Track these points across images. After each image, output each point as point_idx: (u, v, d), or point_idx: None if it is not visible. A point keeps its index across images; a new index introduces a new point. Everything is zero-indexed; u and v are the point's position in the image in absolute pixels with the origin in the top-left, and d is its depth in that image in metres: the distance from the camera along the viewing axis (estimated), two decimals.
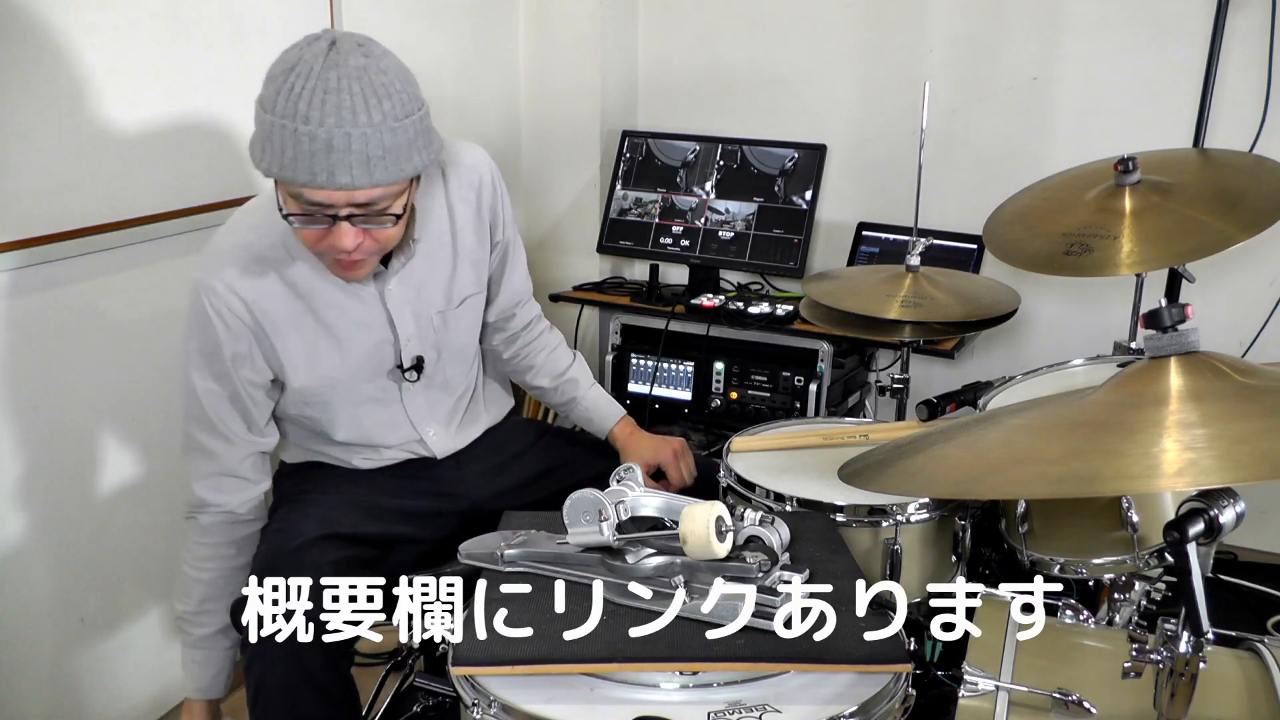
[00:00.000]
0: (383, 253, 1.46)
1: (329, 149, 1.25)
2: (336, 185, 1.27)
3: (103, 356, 1.89)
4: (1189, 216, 1.73)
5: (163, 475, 2.02)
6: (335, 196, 1.29)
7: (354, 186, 1.28)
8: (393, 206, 1.35)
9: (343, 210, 1.31)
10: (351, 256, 1.38)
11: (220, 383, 1.50)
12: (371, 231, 1.36)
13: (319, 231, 1.35)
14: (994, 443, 1.13)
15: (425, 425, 1.69)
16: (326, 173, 1.26)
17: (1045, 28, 2.63)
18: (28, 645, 1.83)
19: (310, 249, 1.40)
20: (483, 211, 1.64)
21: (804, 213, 2.78)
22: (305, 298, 1.50)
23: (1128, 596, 1.60)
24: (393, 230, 1.39)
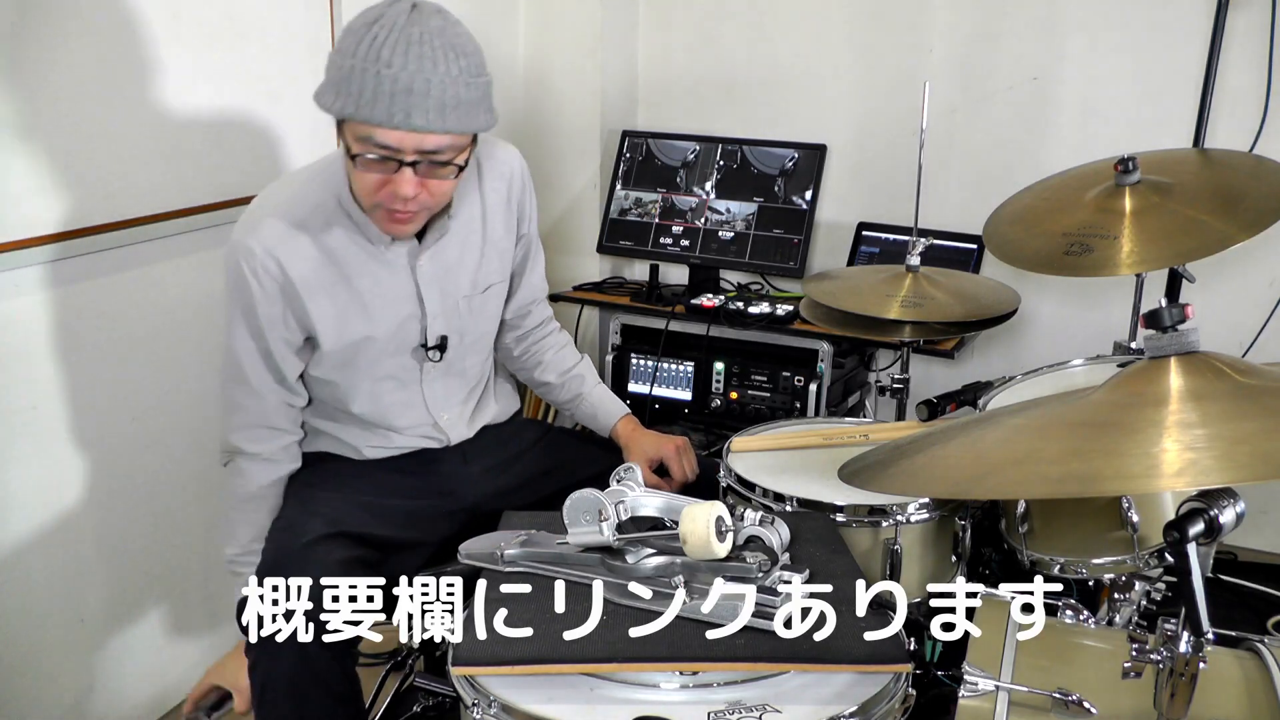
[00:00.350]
0: (432, 212, 1.52)
1: (408, 92, 1.32)
2: (411, 126, 1.34)
3: (103, 356, 1.89)
4: (1189, 216, 1.73)
5: (163, 475, 2.02)
6: (406, 140, 1.36)
7: (427, 129, 1.35)
8: (456, 159, 1.42)
9: (409, 155, 1.38)
10: (406, 207, 1.44)
11: (255, 339, 1.56)
12: (429, 184, 1.43)
13: (381, 178, 1.41)
14: (994, 443, 1.13)
15: (440, 410, 1.71)
16: (404, 113, 1.33)
17: (1045, 28, 2.63)
18: (28, 645, 1.83)
19: (367, 200, 1.46)
20: (511, 203, 1.70)
21: (804, 213, 2.78)
22: (339, 264, 1.55)
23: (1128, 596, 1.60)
24: (447, 186, 1.46)
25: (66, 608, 1.90)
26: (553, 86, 3.00)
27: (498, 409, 1.83)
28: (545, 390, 1.90)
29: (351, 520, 1.54)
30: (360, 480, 1.67)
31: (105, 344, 1.89)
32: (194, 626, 2.15)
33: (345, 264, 1.56)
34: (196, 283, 2.04)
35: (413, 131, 1.35)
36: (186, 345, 2.03)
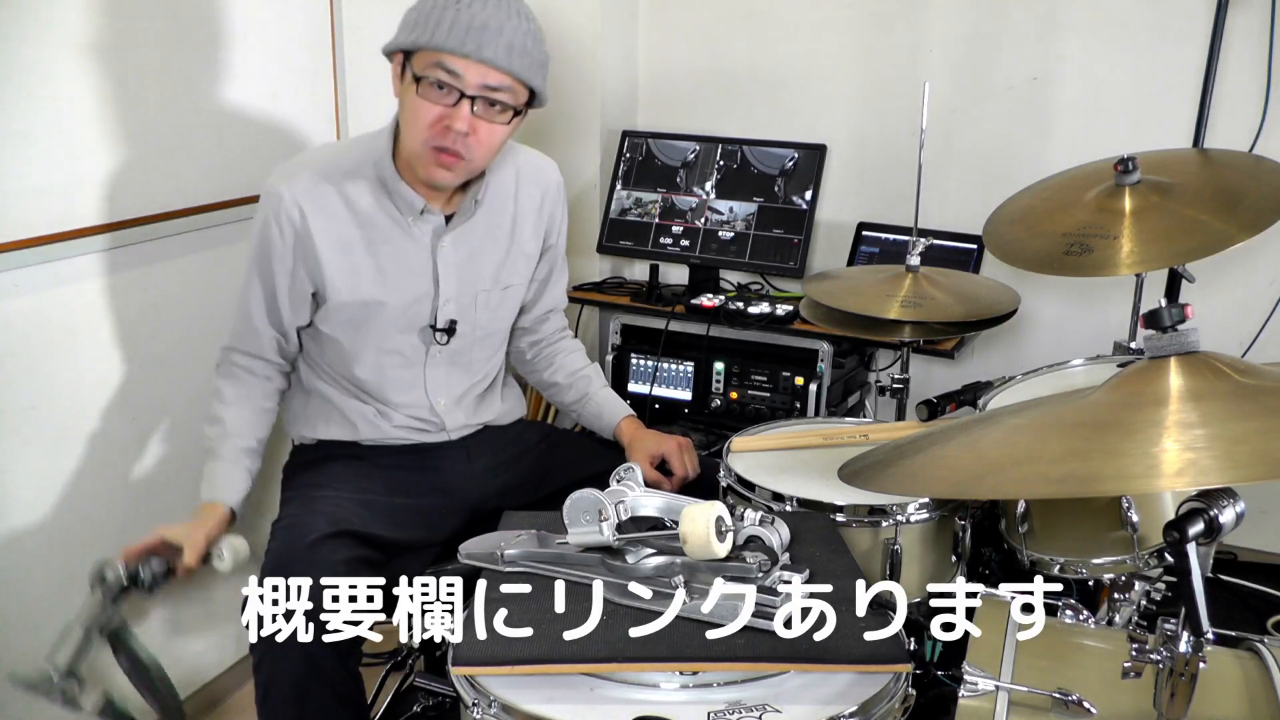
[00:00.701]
0: (473, 170, 1.58)
1: (484, 28, 1.46)
2: (481, 57, 1.45)
3: (103, 356, 1.89)
4: (1189, 216, 1.73)
5: (163, 475, 2.02)
6: (472, 70, 1.47)
7: (494, 63, 1.46)
8: (511, 102, 1.52)
9: (472, 88, 1.48)
10: (456, 145, 1.50)
11: (262, 282, 1.65)
12: (479, 129, 1.51)
13: (439, 110, 1.49)
14: (994, 443, 1.13)
15: (437, 395, 1.74)
16: (476, 44, 1.45)
17: (1045, 28, 2.63)
18: (28, 645, 1.83)
19: (418, 137, 1.52)
20: (543, 212, 1.78)
21: (804, 213, 2.78)
22: (364, 226, 1.61)
23: (1128, 596, 1.60)
24: (495, 137, 1.54)
25: (66, 608, 1.89)
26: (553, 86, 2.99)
27: (503, 409, 1.84)
28: (554, 391, 1.92)
29: (355, 519, 1.54)
30: (363, 480, 1.67)
31: (105, 344, 1.89)
32: (194, 626, 2.15)
33: (370, 227, 1.61)
34: (197, 283, 2.04)
35: (481, 63, 1.46)
36: (186, 345, 2.03)
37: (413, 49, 1.49)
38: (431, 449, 1.75)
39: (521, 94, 1.54)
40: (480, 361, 1.78)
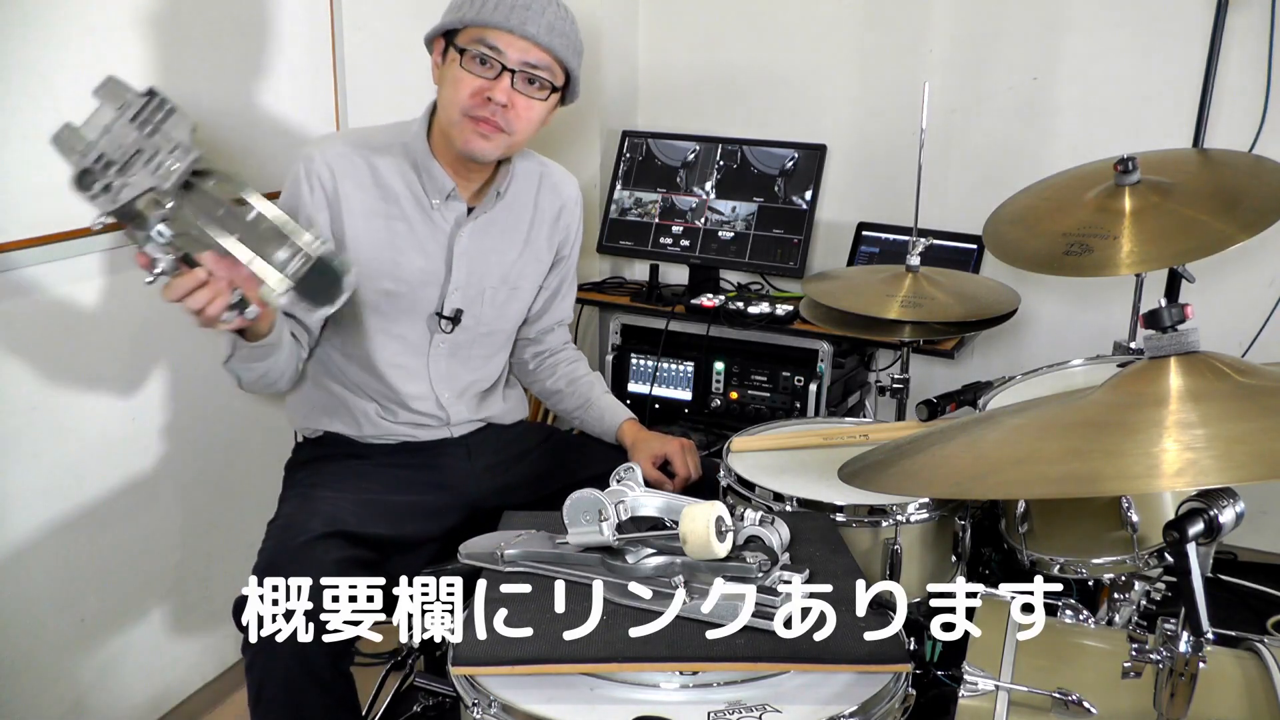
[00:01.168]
0: (509, 146, 1.62)
1: (527, 7, 1.54)
2: (524, 33, 1.53)
3: (103, 356, 1.89)
4: (1189, 216, 1.73)
5: (163, 474, 2.02)
6: (515, 45, 1.54)
7: (536, 39, 1.54)
8: (550, 79, 1.59)
9: (513, 63, 1.54)
10: (494, 116, 1.55)
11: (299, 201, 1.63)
12: (519, 103, 1.57)
13: (480, 83, 1.55)
14: (994, 443, 1.13)
15: (441, 388, 1.75)
16: (520, 20, 1.53)
17: (1045, 28, 2.63)
18: (28, 645, 1.83)
19: (458, 107, 1.57)
20: (559, 222, 1.83)
21: (804, 213, 2.78)
22: (388, 200, 1.65)
23: (1128, 596, 1.60)
24: (532, 114, 1.59)
25: (66, 608, 1.90)
26: None
27: (505, 408, 1.85)
28: (556, 399, 1.94)
29: (351, 519, 1.54)
30: (363, 479, 1.67)
31: (105, 344, 1.89)
32: (194, 626, 2.15)
33: (394, 203, 1.65)
34: None
35: (524, 39, 1.53)
36: (186, 345, 2.03)
37: (458, 27, 1.56)
38: (433, 446, 1.76)
39: (559, 75, 1.60)
40: (480, 360, 1.79)
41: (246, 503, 2.16)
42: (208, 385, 2.09)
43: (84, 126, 1.23)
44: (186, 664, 2.16)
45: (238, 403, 2.16)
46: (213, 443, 2.13)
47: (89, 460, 1.89)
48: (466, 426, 1.79)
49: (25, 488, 1.79)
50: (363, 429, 1.73)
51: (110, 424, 1.92)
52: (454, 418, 1.77)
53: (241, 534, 2.16)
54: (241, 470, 2.19)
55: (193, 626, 2.15)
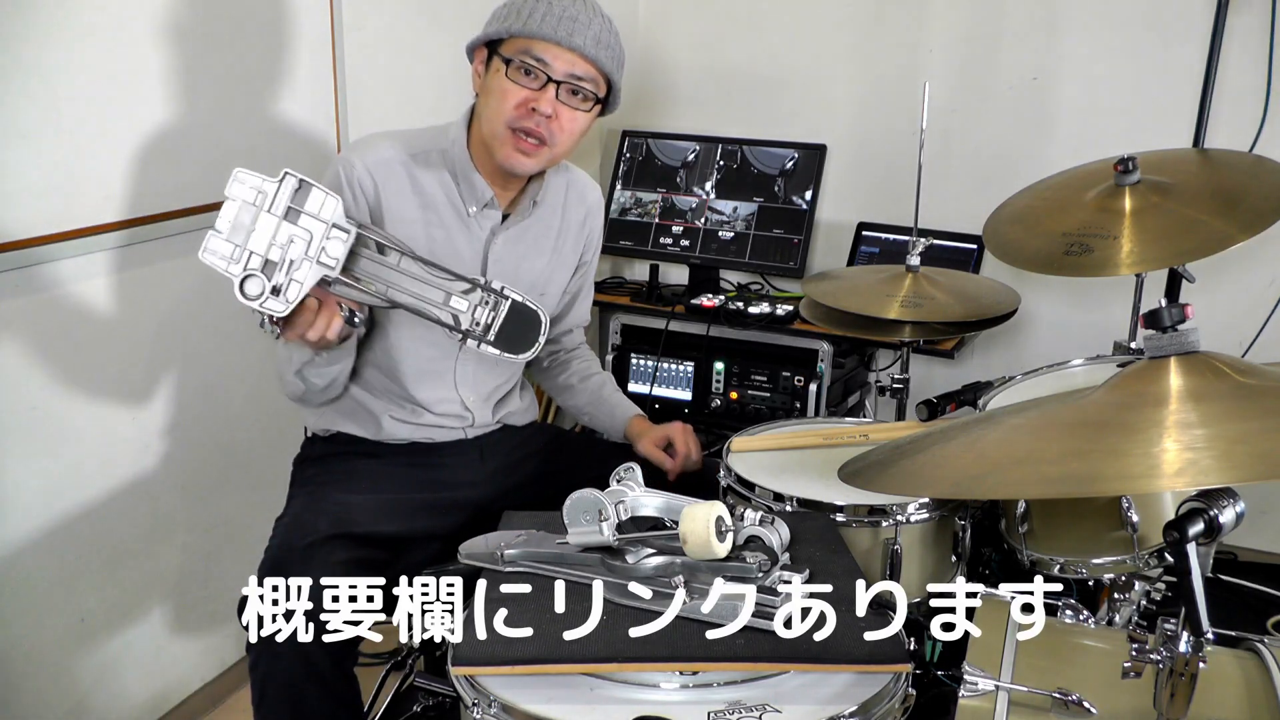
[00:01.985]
0: (551, 159, 1.63)
1: (574, 20, 1.54)
2: (571, 45, 1.53)
3: (103, 356, 1.89)
4: (1189, 216, 1.73)
5: (163, 474, 2.02)
6: (561, 57, 1.54)
7: (583, 51, 1.54)
8: (594, 90, 1.59)
9: (559, 74, 1.54)
10: (539, 128, 1.56)
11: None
12: (563, 114, 1.57)
13: (525, 94, 1.55)
14: (994, 443, 1.13)
15: (466, 392, 1.75)
16: (567, 32, 1.53)
17: (1045, 28, 2.63)
18: (28, 645, 1.83)
19: (501, 118, 1.57)
20: (584, 228, 1.84)
21: (804, 213, 2.78)
22: (426, 209, 1.64)
23: (1128, 596, 1.60)
24: (576, 125, 1.61)
25: (66, 608, 1.90)
26: None
27: (520, 407, 1.86)
28: (567, 395, 1.95)
29: (359, 520, 1.54)
30: (374, 478, 1.67)
31: (105, 344, 1.89)
32: (194, 626, 2.15)
33: (431, 210, 1.65)
34: (197, 283, 2.03)
35: (571, 50, 1.53)
36: (187, 345, 2.03)
37: (503, 37, 1.56)
38: (445, 448, 1.75)
39: (603, 87, 1.61)
40: (506, 364, 1.79)
41: (247, 503, 2.17)
42: (208, 385, 2.09)
43: (228, 232, 1.22)
44: (186, 664, 2.16)
45: (238, 402, 2.16)
46: (213, 443, 2.13)
47: (89, 460, 1.89)
48: (484, 429, 1.79)
49: (25, 488, 1.79)
50: (381, 430, 1.72)
51: (110, 424, 1.92)
52: (478, 420, 1.77)
53: (242, 534, 2.16)
54: (242, 470, 2.19)
55: (193, 626, 2.15)
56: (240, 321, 2.14)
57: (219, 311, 2.09)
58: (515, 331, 1.33)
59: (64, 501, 1.86)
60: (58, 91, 1.72)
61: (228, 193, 1.23)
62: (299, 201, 1.25)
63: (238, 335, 2.13)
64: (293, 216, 1.25)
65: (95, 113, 1.79)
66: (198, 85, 1.97)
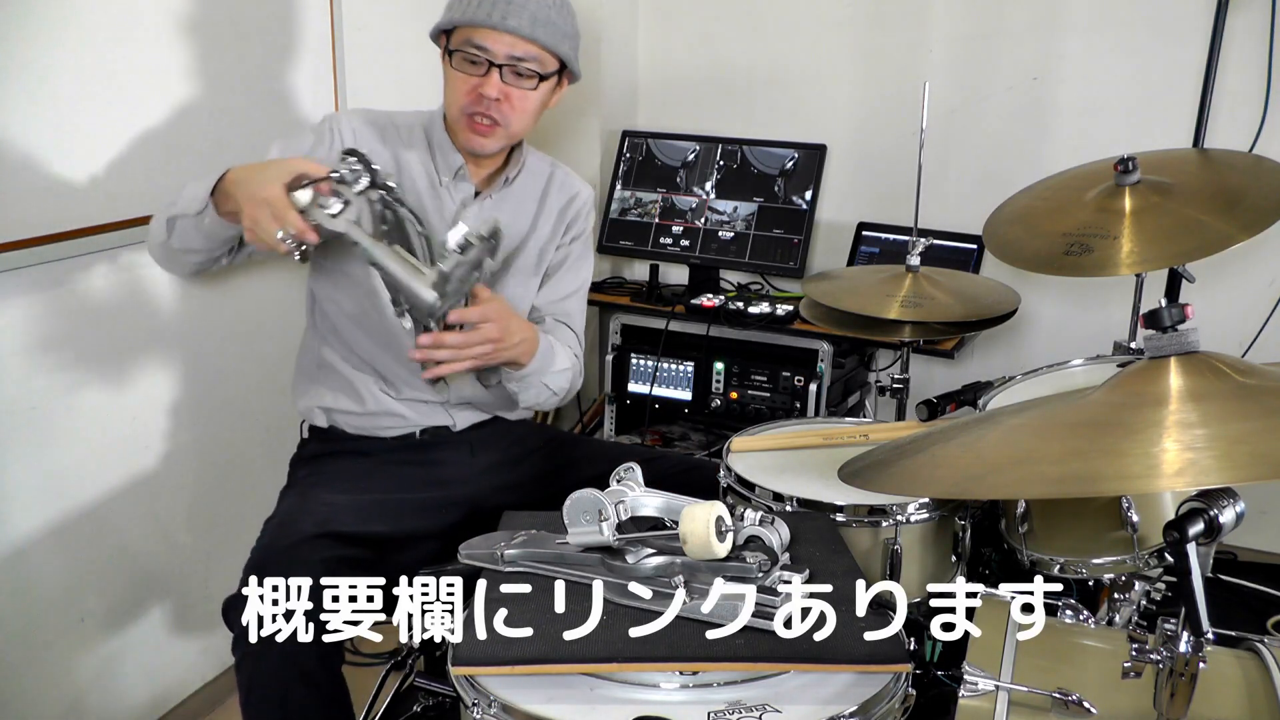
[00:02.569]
0: (509, 137, 1.69)
1: (509, 2, 1.58)
2: (506, 28, 1.58)
3: (103, 356, 1.89)
4: (1189, 216, 1.73)
5: (163, 474, 2.02)
6: (500, 41, 1.59)
7: (519, 33, 1.58)
8: (539, 70, 1.63)
9: (500, 58, 1.60)
10: (489, 111, 1.62)
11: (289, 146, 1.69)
12: (511, 95, 1.63)
13: (472, 80, 1.61)
14: (994, 443, 1.13)
15: None
16: (501, 16, 1.57)
17: (1045, 28, 2.63)
18: (28, 645, 1.83)
19: (456, 107, 1.64)
20: (564, 217, 1.83)
21: (804, 213, 2.78)
22: (401, 173, 1.70)
23: (1128, 596, 1.60)
24: (527, 104, 1.65)
25: (66, 608, 1.90)
26: None
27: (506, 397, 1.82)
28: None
29: (347, 519, 1.55)
30: (364, 477, 1.68)
31: (105, 344, 1.89)
32: (194, 626, 2.15)
33: (405, 175, 1.71)
34: (196, 283, 2.04)
35: (507, 33, 1.58)
36: (186, 345, 2.03)
37: (450, 28, 1.62)
38: (435, 445, 1.76)
39: (550, 62, 1.65)
40: None
41: (246, 502, 2.16)
42: (208, 385, 2.09)
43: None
44: (186, 664, 2.16)
45: (238, 402, 2.16)
46: (213, 443, 2.13)
47: (89, 460, 1.89)
48: (468, 417, 1.79)
49: (25, 488, 1.79)
50: (365, 405, 1.72)
51: (110, 424, 1.92)
52: (455, 396, 1.76)
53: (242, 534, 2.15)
54: (241, 470, 2.19)
55: (192, 626, 2.15)
56: (240, 321, 2.14)
57: (219, 311, 2.09)
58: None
59: (64, 501, 1.86)
60: (58, 91, 1.72)
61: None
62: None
63: (238, 336, 2.13)
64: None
65: (95, 113, 1.79)
66: (198, 85, 1.97)
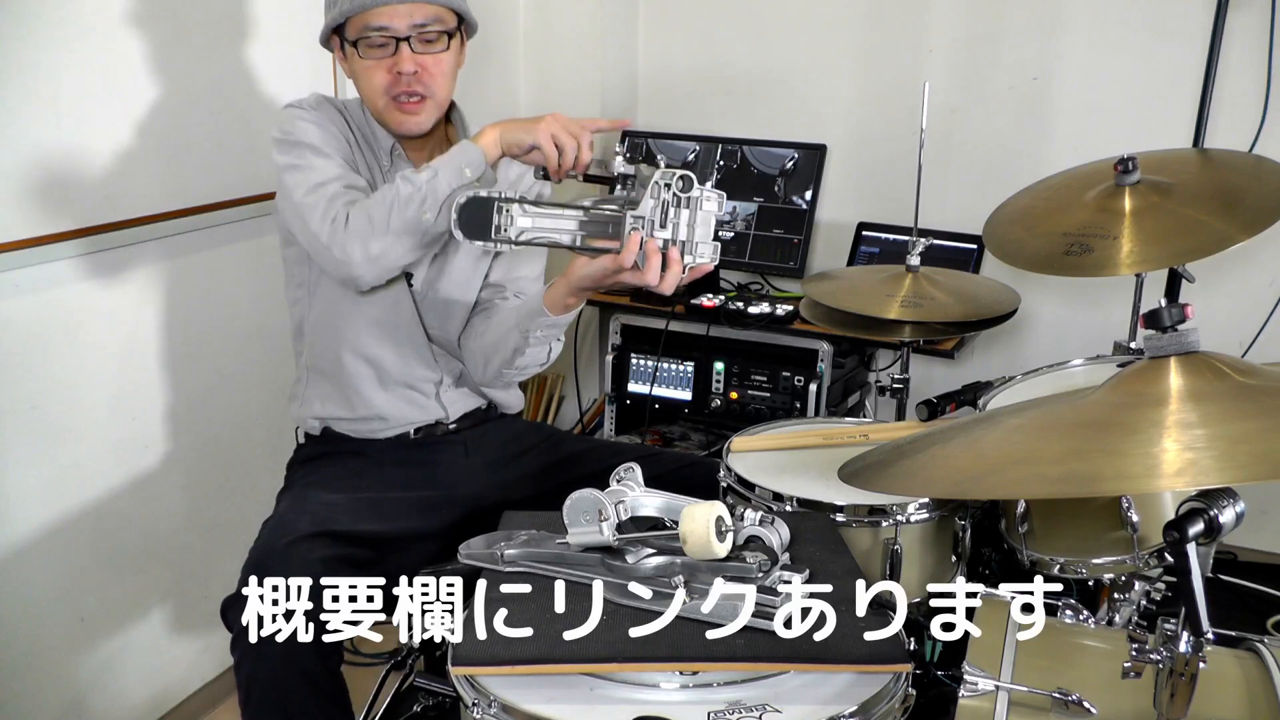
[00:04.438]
0: (437, 107, 1.65)
1: None
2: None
3: (103, 356, 1.89)
4: (1189, 216, 1.73)
5: (163, 474, 2.02)
6: (397, 13, 1.57)
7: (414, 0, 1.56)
8: (443, 28, 1.61)
9: (403, 30, 1.57)
10: (411, 86, 1.60)
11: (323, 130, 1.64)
12: (425, 64, 1.60)
13: (385, 64, 1.59)
14: (994, 443, 1.13)
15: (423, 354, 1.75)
16: None
17: (1045, 28, 2.63)
18: (28, 645, 1.84)
19: (378, 97, 1.62)
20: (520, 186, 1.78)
21: (804, 213, 2.78)
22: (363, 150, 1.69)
23: (1128, 596, 1.60)
24: (443, 65, 1.62)
25: (66, 608, 1.90)
26: (553, 87, 3.00)
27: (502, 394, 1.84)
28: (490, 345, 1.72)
29: (343, 518, 1.55)
30: (360, 477, 1.68)
31: (105, 344, 1.89)
32: (194, 626, 2.15)
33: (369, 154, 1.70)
34: (197, 283, 2.04)
35: (401, 4, 1.56)
36: (187, 345, 2.03)
37: (341, 21, 1.59)
38: (431, 444, 1.76)
39: (449, 18, 1.63)
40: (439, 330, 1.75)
41: (247, 502, 2.17)
42: (208, 385, 2.09)
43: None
44: (186, 664, 2.16)
45: (238, 402, 2.16)
46: (212, 443, 2.13)
47: (89, 460, 1.89)
48: (459, 406, 1.78)
49: (25, 488, 1.79)
50: (355, 409, 1.72)
51: (110, 424, 1.92)
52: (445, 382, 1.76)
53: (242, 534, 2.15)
54: (241, 470, 2.19)
55: (193, 626, 2.15)
56: (240, 321, 2.14)
57: (220, 312, 2.09)
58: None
59: (64, 501, 1.86)
60: (58, 91, 1.72)
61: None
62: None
63: (238, 336, 2.14)
64: None
65: (96, 113, 1.79)
66: (198, 86, 1.97)
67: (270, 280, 2.17)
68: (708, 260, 1.38)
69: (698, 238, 1.37)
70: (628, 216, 1.37)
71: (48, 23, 1.70)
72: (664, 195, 1.36)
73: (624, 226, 1.37)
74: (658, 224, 1.37)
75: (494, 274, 1.80)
